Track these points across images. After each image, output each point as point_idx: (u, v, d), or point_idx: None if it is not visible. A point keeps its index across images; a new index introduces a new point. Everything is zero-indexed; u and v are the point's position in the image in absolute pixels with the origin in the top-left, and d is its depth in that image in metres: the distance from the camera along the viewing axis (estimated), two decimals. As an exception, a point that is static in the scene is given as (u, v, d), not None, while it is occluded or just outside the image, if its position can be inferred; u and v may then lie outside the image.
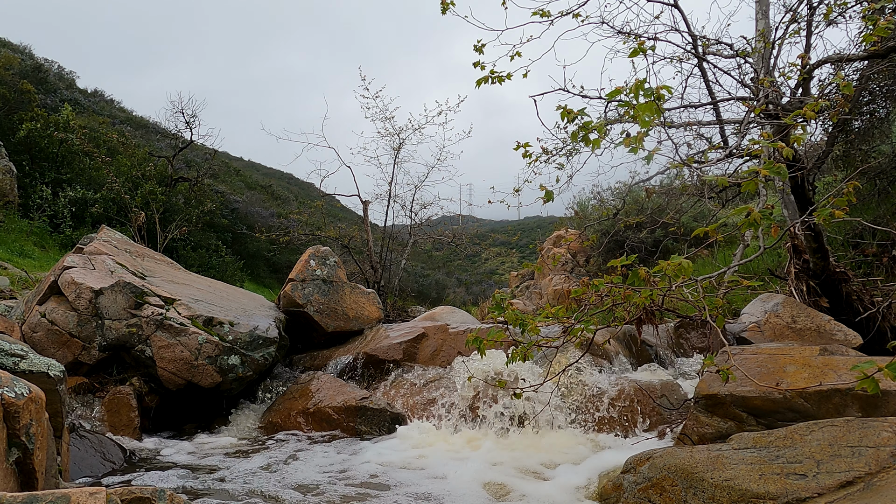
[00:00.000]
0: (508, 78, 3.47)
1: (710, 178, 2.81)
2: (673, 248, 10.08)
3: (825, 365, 2.94)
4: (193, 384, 4.29)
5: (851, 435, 2.28)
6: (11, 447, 2.08)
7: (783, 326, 4.56)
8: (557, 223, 16.50)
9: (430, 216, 10.51)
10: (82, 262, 4.67)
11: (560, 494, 2.93)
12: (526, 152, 3.26)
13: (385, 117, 9.92)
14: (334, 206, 15.77)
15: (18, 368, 2.65)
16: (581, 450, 3.67)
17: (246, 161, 41.17)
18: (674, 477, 2.40)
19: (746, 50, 4.97)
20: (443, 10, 3.72)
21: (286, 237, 10.25)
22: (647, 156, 2.37)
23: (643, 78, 2.12)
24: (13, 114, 13.05)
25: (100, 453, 3.48)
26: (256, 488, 3.01)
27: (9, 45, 23.18)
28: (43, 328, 4.20)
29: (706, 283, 2.75)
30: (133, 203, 11.06)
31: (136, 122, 26.52)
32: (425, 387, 4.65)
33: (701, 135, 5.76)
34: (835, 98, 4.18)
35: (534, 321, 2.78)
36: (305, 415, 4.41)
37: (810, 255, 4.75)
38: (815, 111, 2.54)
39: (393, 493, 3.00)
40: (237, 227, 17.84)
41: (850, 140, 6.37)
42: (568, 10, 4.14)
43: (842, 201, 2.31)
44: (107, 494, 1.60)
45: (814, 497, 2.04)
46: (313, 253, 5.65)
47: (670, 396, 3.94)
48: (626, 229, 9.10)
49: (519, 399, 3.39)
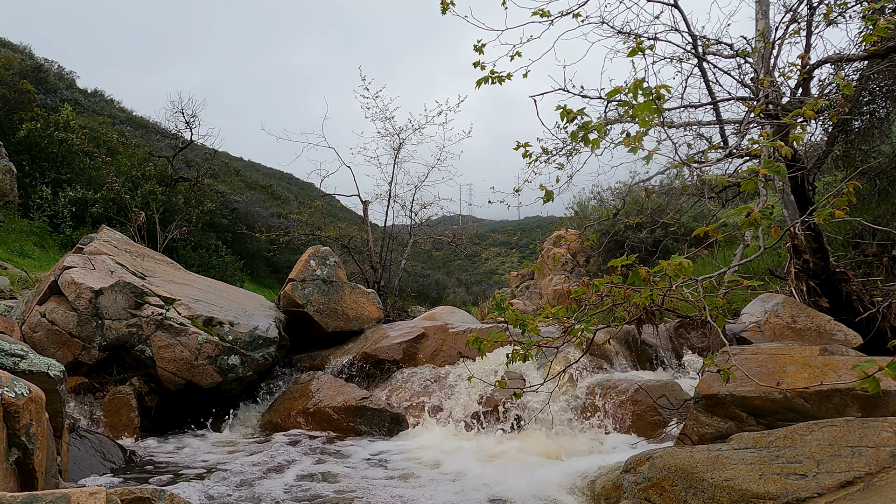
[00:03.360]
0: (509, 78, 3.47)
1: (710, 178, 2.81)
2: (673, 248, 10.08)
3: (825, 365, 2.93)
4: (193, 384, 4.29)
5: (851, 435, 2.28)
6: (11, 447, 2.08)
7: (783, 326, 4.56)
8: (557, 223, 16.50)
9: (430, 216, 10.50)
10: (82, 262, 4.67)
11: (560, 494, 2.93)
12: (526, 152, 3.26)
13: (385, 117, 9.91)
14: (334, 206, 15.76)
15: (18, 368, 2.65)
16: (581, 449, 3.67)
17: (246, 161, 41.17)
18: (674, 477, 2.40)
19: (746, 50, 4.97)
20: (443, 10, 3.71)
21: (286, 237, 10.25)
22: (647, 156, 2.37)
23: (642, 78, 2.12)
24: (13, 114, 13.05)
25: (100, 453, 3.48)
26: (256, 488, 3.01)
27: (9, 45, 23.18)
28: (43, 328, 4.20)
29: (706, 283, 2.75)
30: (133, 203, 11.05)
31: (136, 122, 26.51)
32: (425, 387, 4.65)
33: (701, 135, 5.76)
34: (835, 98, 4.17)
35: (534, 321, 2.78)
36: (305, 415, 4.41)
37: (810, 255, 4.75)
38: (815, 111, 2.54)
39: (393, 493, 3.00)
40: (237, 227, 17.84)
41: (850, 140, 6.37)
42: (568, 10, 4.14)
43: (842, 201, 2.31)
44: (107, 494, 1.60)
45: (814, 497, 2.04)
46: (313, 253, 5.65)
47: (670, 396, 3.94)
48: (626, 229, 9.10)
49: (519, 399, 3.38)
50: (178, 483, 3.09)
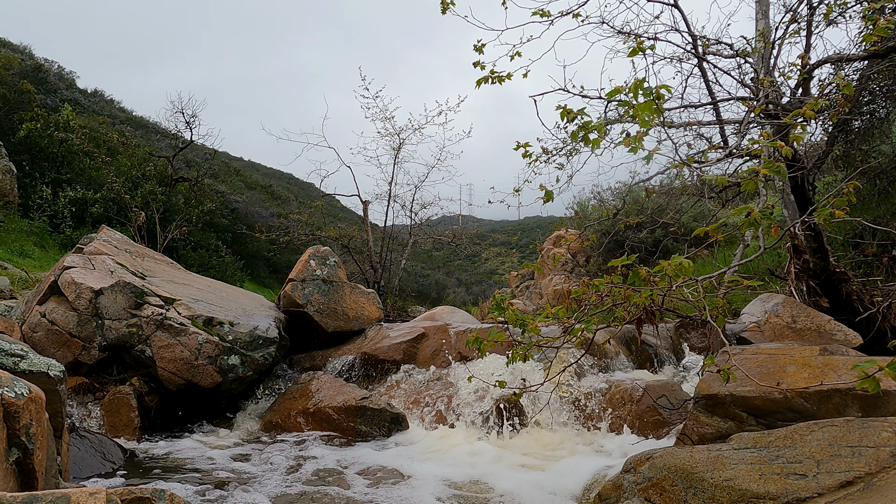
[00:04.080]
0: (509, 78, 3.47)
1: (710, 178, 2.81)
2: (673, 248, 10.08)
3: (825, 365, 2.93)
4: (193, 384, 4.29)
5: (851, 435, 2.28)
6: (11, 447, 2.08)
7: (783, 326, 4.56)
8: (557, 223, 16.49)
9: (430, 216, 10.52)
10: (82, 262, 4.67)
11: (560, 493, 2.93)
12: (526, 152, 3.26)
13: (385, 117, 9.93)
14: (334, 206, 15.76)
15: (18, 368, 2.65)
16: (581, 449, 3.67)
17: (246, 161, 41.18)
18: (674, 477, 2.40)
19: (746, 50, 4.97)
20: (443, 9, 3.72)
21: (286, 237, 10.26)
22: (647, 156, 2.37)
23: (643, 77, 2.12)
24: (13, 114, 13.04)
25: (100, 453, 3.48)
26: (256, 488, 3.01)
27: (9, 45, 23.18)
28: (43, 328, 4.20)
29: (706, 283, 2.75)
30: (133, 203, 11.05)
31: (136, 122, 26.51)
32: (426, 387, 4.65)
33: (701, 135, 5.76)
34: (835, 98, 4.18)
35: (534, 321, 2.78)
36: (305, 415, 4.41)
37: (810, 255, 4.75)
38: (815, 111, 2.54)
39: (393, 493, 3.00)
40: (237, 227, 17.84)
41: (850, 140, 6.37)
42: (568, 10, 4.14)
43: (842, 201, 2.31)
44: (107, 494, 1.60)
45: (814, 497, 2.04)
46: (313, 253, 5.65)
47: (670, 396, 3.94)
48: (626, 229, 9.10)
49: (519, 399, 3.38)
50: (179, 483, 3.09)
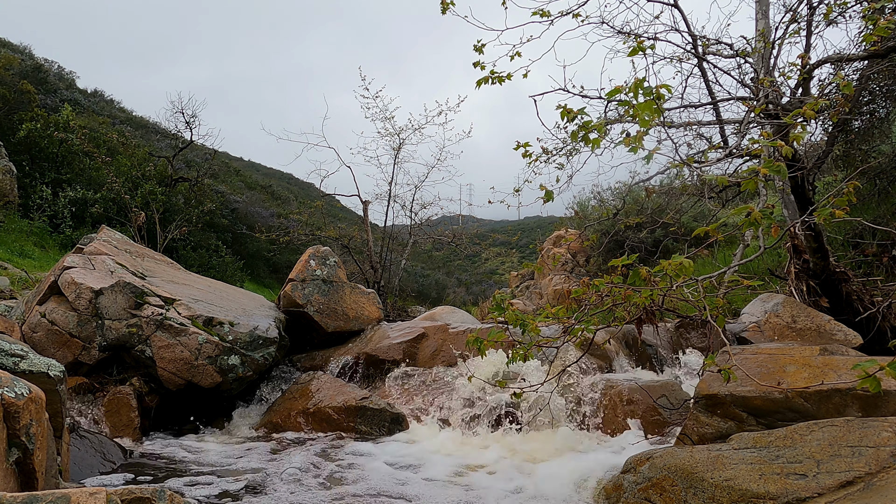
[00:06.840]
0: (509, 78, 3.47)
1: (710, 178, 2.81)
2: (673, 248, 10.08)
3: (825, 365, 2.93)
4: (193, 384, 4.29)
5: (851, 435, 2.28)
6: (11, 447, 2.08)
7: (783, 326, 4.56)
8: (557, 223, 16.49)
9: (430, 216, 10.51)
10: (82, 262, 4.67)
11: (560, 493, 2.93)
12: (526, 152, 3.26)
13: (385, 117, 9.93)
14: (334, 206, 15.77)
15: (18, 368, 2.65)
16: (581, 449, 3.67)
17: (246, 161, 41.20)
18: (674, 477, 2.40)
19: (746, 50, 4.97)
20: (443, 9, 3.72)
21: (286, 237, 10.26)
22: (647, 155, 2.37)
23: (643, 77, 2.12)
24: (13, 114, 13.04)
25: (100, 453, 3.48)
26: (256, 488, 3.01)
27: (9, 46, 23.19)
28: (43, 328, 4.20)
29: (706, 283, 2.75)
30: (133, 203, 11.05)
31: (137, 122, 26.53)
32: (426, 387, 4.65)
33: (701, 135, 5.77)
34: (835, 98, 4.18)
35: (534, 321, 2.78)
36: (305, 415, 4.41)
37: (810, 255, 4.75)
38: (815, 111, 2.54)
39: (393, 493, 3.00)
40: (237, 227, 17.85)
41: (850, 140, 6.37)
42: (568, 10, 4.14)
43: (842, 201, 2.31)
44: (107, 494, 1.60)
45: (814, 497, 2.04)
46: (313, 253, 5.65)
47: (670, 396, 3.94)
48: (626, 229, 9.11)
49: (519, 399, 3.38)
50: (179, 483, 3.09)
